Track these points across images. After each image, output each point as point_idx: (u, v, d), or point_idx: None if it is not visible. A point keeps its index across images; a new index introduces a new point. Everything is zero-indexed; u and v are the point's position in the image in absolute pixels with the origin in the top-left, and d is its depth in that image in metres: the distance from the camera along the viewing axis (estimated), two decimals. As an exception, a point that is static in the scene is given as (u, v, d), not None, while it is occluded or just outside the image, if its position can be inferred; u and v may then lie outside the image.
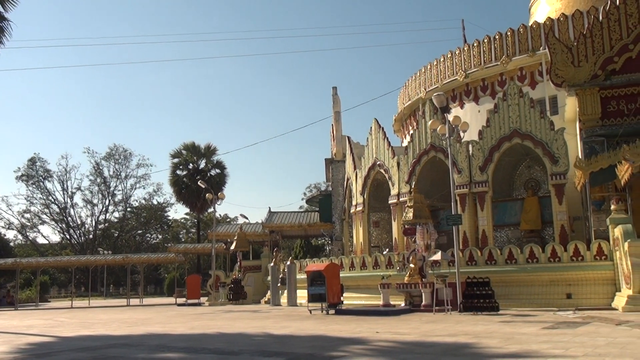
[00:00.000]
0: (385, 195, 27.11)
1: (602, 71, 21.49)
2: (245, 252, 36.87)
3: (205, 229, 61.41)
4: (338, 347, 10.52)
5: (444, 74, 31.28)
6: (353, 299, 22.94)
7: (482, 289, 17.41)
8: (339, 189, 35.36)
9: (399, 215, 25.22)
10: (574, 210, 22.32)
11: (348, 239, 33.11)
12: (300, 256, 52.10)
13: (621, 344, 9.35)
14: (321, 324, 15.36)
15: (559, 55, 22.02)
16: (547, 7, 31.74)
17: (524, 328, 12.43)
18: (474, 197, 23.24)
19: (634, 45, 21.30)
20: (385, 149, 27.10)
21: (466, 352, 9.35)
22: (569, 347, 9.17)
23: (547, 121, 22.24)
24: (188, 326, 16.51)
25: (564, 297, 18.55)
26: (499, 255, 20.07)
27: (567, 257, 18.88)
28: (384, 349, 10.11)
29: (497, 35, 28.68)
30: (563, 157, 21.54)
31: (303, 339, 12.13)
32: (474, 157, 23.29)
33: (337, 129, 35.88)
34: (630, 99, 21.10)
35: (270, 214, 41.19)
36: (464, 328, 12.92)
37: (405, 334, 12.03)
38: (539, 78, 27.58)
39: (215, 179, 52.73)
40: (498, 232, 23.73)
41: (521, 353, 8.84)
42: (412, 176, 25.24)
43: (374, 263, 23.29)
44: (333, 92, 36.63)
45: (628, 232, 16.97)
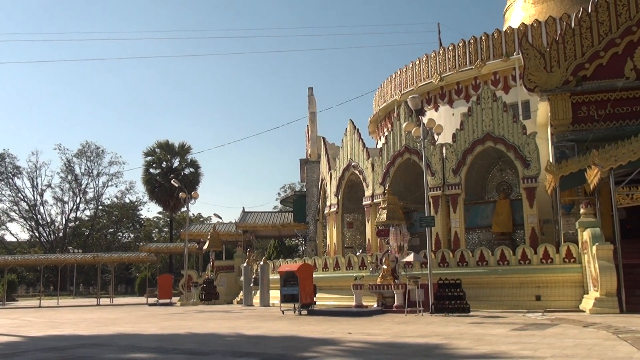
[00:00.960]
0: (359, 196, 27.20)
1: (573, 77, 21.86)
2: (218, 252, 36.65)
3: (178, 228, 60.92)
4: (310, 347, 10.51)
5: (420, 76, 31.50)
6: (326, 299, 22.96)
7: (454, 290, 17.55)
8: (313, 190, 35.37)
9: (372, 216, 25.32)
10: (544, 213, 22.64)
11: (322, 240, 33.13)
12: (274, 256, 51.96)
13: (588, 346, 9.51)
14: (293, 325, 15.34)
15: (532, 60, 22.34)
16: (521, 13, 32.17)
17: (494, 329, 12.57)
18: (447, 199, 23.45)
19: (605, 52, 21.72)
20: (360, 150, 27.20)
21: (437, 353, 9.42)
22: (538, 349, 9.30)
23: (519, 125, 22.54)
24: (159, 326, 16.35)
25: (534, 299, 18.81)
26: (471, 257, 20.27)
27: (537, 260, 19.15)
28: (356, 349, 10.13)
29: (472, 40, 28.98)
30: (534, 161, 21.86)
31: (275, 339, 12.10)
32: (448, 159, 23.49)
33: (312, 130, 35.89)
34: (600, 105, 21.49)
35: (244, 214, 41.03)
36: (436, 329, 13.02)
37: (377, 335, 12.07)
38: (512, 83, 27.93)
39: (189, 178, 52.35)
40: (470, 234, 23.97)
41: (491, 354, 8.94)
42: (386, 178, 25.37)
43: (347, 264, 23.35)
44: (309, 92, 36.64)
45: (596, 236, 17.28)
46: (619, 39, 21.65)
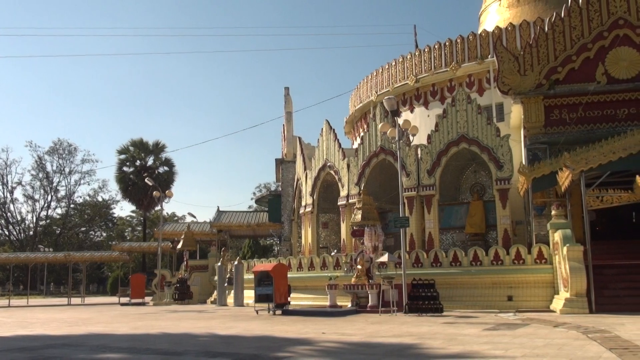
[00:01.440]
0: (334, 196, 27.25)
1: (546, 80, 22.19)
2: (192, 252, 36.41)
3: (151, 227, 60.34)
4: (284, 347, 10.50)
5: (395, 78, 31.66)
6: (300, 299, 22.96)
7: (427, 290, 17.69)
8: (288, 190, 35.33)
9: (347, 216, 25.39)
10: (516, 214, 22.95)
11: (297, 240, 33.11)
12: (248, 256, 51.78)
13: (558, 345, 9.66)
14: (268, 325, 15.31)
15: (506, 63, 22.61)
16: (496, 16, 32.54)
17: (467, 329, 12.69)
18: (422, 200, 23.62)
19: (577, 56, 22.07)
20: (336, 150, 27.25)
21: (410, 352, 9.48)
22: (509, 348, 9.41)
23: (493, 127, 22.81)
24: (131, 326, 16.17)
25: (506, 299, 19.04)
26: (444, 257, 20.44)
27: (509, 261, 19.39)
28: (330, 349, 10.15)
29: (448, 42, 29.22)
30: (508, 163, 22.14)
31: (249, 339, 12.06)
32: (423, 160, 23.67)
33: (288, 130, 35.84)
34: (572, 108, 21.84)
35: (219, 213, 40.81)
36: (409, 329, 13.10)
37: (351, 335, 12.10)
38: (486, 85, 28.22)
39: (164, 177, 51.92)
40: (444, 235, 24.17)
41: (463, 354, 9.02)
42: (361, 178, 25.46)
43: (322, 264, 23.37)
44: (285, 92, 36.58)
45: (567, 237, 17.56)
46: (591, 43, 22.03)
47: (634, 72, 21.61)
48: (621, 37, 21.78)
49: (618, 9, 21.95)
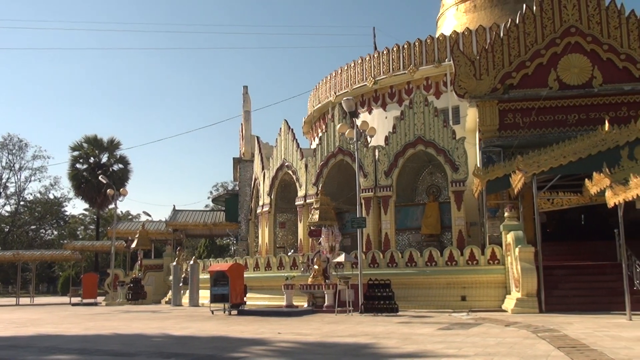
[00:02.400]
0: (292, 196, 27.22)
1: (501, 85, 22.67)
2: (146, 251, 35.82)
3: (105, 226, 59.17)
4: (239, 348, 10.43)
5: (354, 79, 31.83)
6: (257, 299, 22.85)
7: (383, 290, 17.84)
8: (246, 189, 35.14)
9: (305, 216, 25.41)
10: (471, 216, 23.36)
11: (254, 239, 32.95)
12: (204, 256, 51.32)
13: (509, 344, 9.87)
14: (223, 325, 15.18)
15: (463, 67, 23.01)
16: (454, 21, 33.05)
17: (421, 329, 12.85)
18: (379, 201, 23.81)
19: (531, 62, 22.63)
20: (294, 150, 27.23)
21: (365, 352, 9.54)
22: (462, 347, 9.57)
23: (449, 130, 23.18)
24: (82, 327, 15.81)
25: (459, 299, 19.36)
26: (400, 258, 20.65)
27: (463, 261, 19.72)
28: (285, 349, 10.13)
29: (406, 45, 29.53)
30: (463, 165, 22.52)
31: (204, 340, 11.93)
32: (380, 162, 23.86)
33: (246, 129, 35.65)
34: (526, 112, 22.37)
35: (175, 212, 40.31)
36: (364, 329, 13.18)
37: (307, 335, 12.11)
38: (443, 88, 28.63)
39: (118, 174, 50.97)
40: (400, 236, 24.42)
41: (417, 353, 9.13)
42: (319, 178, 25.51)
43: (279, 264, 23.32)
44: (244, 91, 36.37)
45: (519, 238, 17.97)
46: (544, 50, 22.62)
47: (585, 78, 22.28)
48: (573, 45, 22.43)
49: (570, 17, 22.59)
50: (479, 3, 32.32)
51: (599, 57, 22.30)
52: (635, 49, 22.16)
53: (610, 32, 22.37)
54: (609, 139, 18.10)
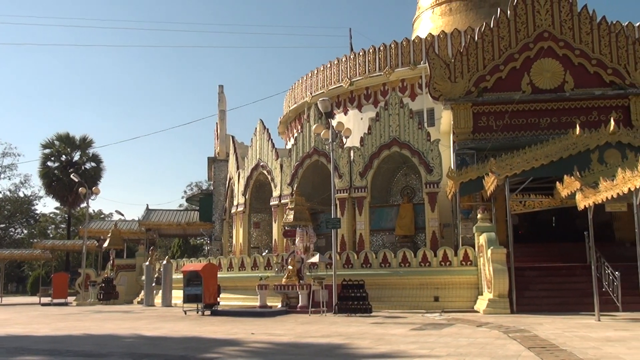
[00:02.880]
0: (267, 196, 27.16)
1: (475, 88, 22.93)
2: (119, 250, 35.45)
3: (76, 225, 58.30)
4: (212, 348, 10.37)
5: (330, 80, 31.88)
6: (230, 300, 22.74)
7: (357, 291, 17.89)
8: (220, 189, 34.97)
9: (279, 217, 25.37)
10: (444, 217, 23.56)
11: (228, 239, 32.80)
12: (178, 256, 50.92)
13: (481, 344, 9.98)
14: (196, 325, 15.08)
15: (438, 70, 23.21)
16: (429, 24, 33.32)
17: (394, 329, 12.92)
18: (354, 201, 23.88)
19: (504, 66, 22.93)
20: (269, 150, 27.18)
21: (339, 352, 9.56)
22: (434, 347, 9.65)
23: (424, 132, 23.35)
24: (52, 327, 15.57)
25: (432, 299, 19.51)
26: (374, 259, 20.73)
27: (437, 262, 19.87)
28: (259, 350, 10.10)
29: (382, 47, 29.68)
30: (437, 167, 22.70)
31: (176, 340, 11.85)
32: (355, 163, 23.94)
33: (221, 128, 35.47)
34: (499, 116, 22.64)
35: (148, 212, 39.95)
36: (338, 329, 13.21)
37: (280, 335, 12.09)
38: (418, 90, 28.83)
39: (90, 173, 50.30)
40: (374, 237, 24.51)
41: (390, 353, 9.18)
42: (294, 179, 25.50)
43: (253, 264, 23.24)
44: (219, 90, 36.16)
45: (491, 240, 18.18)
46: (517, 54, 22.93)
47: (557, 83, 22.65)
48: (545, 49, 22.79)
49: (543, 22, 22.95)
50: (455, 6, 32.64)
51: (571, 62, 22.69)
52: (605, 55, 22.59)
53: (582, 37, 22.78)
54: (579, 142, 18.42)
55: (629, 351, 9.03)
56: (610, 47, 22.68)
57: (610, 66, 22.50)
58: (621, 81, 22.37)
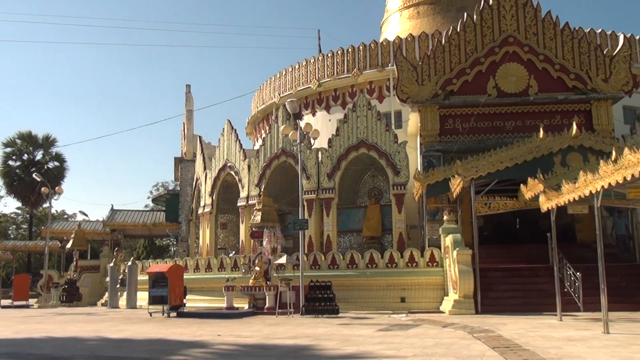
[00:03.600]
0: (234, 197, 27.02)
1: (442, 91, 23.19)
2: (82, 251, 34.87)
3: (38, 226, 57.16)
4: (178, 350, 10.27)
5: (298, 81, 31.86)
6: (197, 301, 22.54)
7: (324, 292, 17.92)
8: (187, 189, 34.67)
9: (247, 217, 25.26)
10: (411, 219, 23.76)
11: (194, 240, 32.52)
12: (143, 257, 50.24)
13: (446, 345, 10.09)
14: (161, 327, 14.91)
15: (405, 72, 23.42)
16: (397, 27, 33.57)
17: (361, 330, 12.97)
18: (321, 203, 23.91)
19: (471, 69, 23.25)
20: (237, 151, 27.04)
21: (305, 354, 9.56)
22: (401, 348, 9.72)
23: (391, 134, 23.53)
24: (13, 330, 15.21)
25: (399, 300, 19.65)
26: (342, 260, 20.79)
27: (403, 263, 20.02)
28: (225, 352, 10.04)
29: (350, 49, 29.79)
30: (404, 168, 22.89)
31: (141, 342, 11.69)
32: (323, 164, 23.98)
33: (188, 128, 35.19)
34: (465, 118, 22.95)
35: (113, 212, 39.41)
36: (305, 330, 13.21)
37: (247, 337, 12.03)
38: (386, 93, 29.00)
39: (53, 172, 49.36)
40: (342, 238, 24.59)
41: (357, 354, 9.21)
42: (262, 179, 25.42)
43: (220, 265, 23.08)
44: (186, 89, 35.88)
45: (457, 241, 18.40)
46: (483, 58, 23.28)
47: (521, 87, 23.06)
48: (510, 54, 23.19)
49: (508, 27, 23.35)
50: (422, 10, 32.95)
51: (535, 66, 23.13)
52: (568, 60, 23.09)
53: (546, 43, 23.24)
54: (543, 146, 18.80)
55: (589, 350, 9.24)
56: (573, 53, 23.19)
57: (572, 71, 23.00)
58: (583, 86, 22.89)
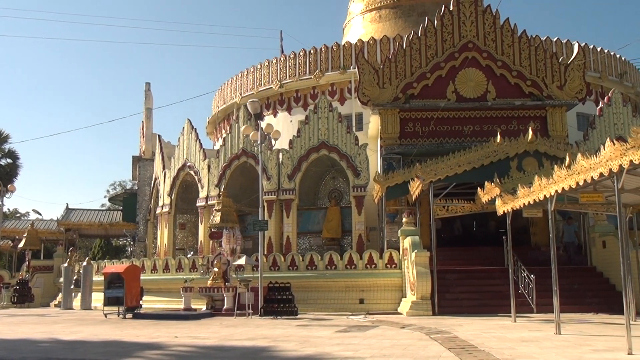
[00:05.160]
0: (193, 197, 26.75)
1: (402, 94, 23.44)
2: (35, 251, 33.97)
3: (-11, 224, 55.40)
4: (133, 352, 10.10)
5: (260, 81, 31.76)
6: (154, 302, 22.23)
7: (283, 293, 17.88)
8: (145, 189, 34.17)
9: (206, 218, 25.04)
10: (371, 221, 23.91)
11: (152, 241, 32.05)
12: (99, 257, 49.20)
13: (403, 346, 10.19)
14: (117, 329, 14.65)
15: (367, 75, 23.58)
16: (360, 30, 33.78)
17: (319, 331, 12.99)
18: (281, 204, 23.87)
19: (431, 74, 23.56)
20: (197, 150, 26.79)
21: (263, 355, 9.53)
22: (359, 349, 9.77)
23: (352, 136, 23.66)
24: (-40, 332, 14.72)
25: (358, 302, 19.75)
26: (301, 261, 20.79)
27: (362, 265, 20.14)
28: (182, 354, 9.93)
29: (313, 50, 29.84)
30: (364, 171, 23.04)
31: (95, 344, 11.46)
32: (284, 165, 23.95)
33: (147, 126, 34.71)
34: (425, 122, 23.23)
35: (68, 211, 38.54)
36: (263, 332, 13.16)
37: (204, 339, 11.92)
38: (348, 95, 29.13)
39: (5, 170, 47.86)
40: (302, 239, 24.60)
41: (315, 355, 9.22)
42: (222, 180, 25.23)
43: (178, 266, 22.81)
44: (146, 87, 35.41)
45: (415, 243, 18.61)
46: (444, 62, 23.62)
47: (480, 92, 23.49)
48: (470, 59, 23.59)
49: (468, 33, 23.75)
50: (384, 14, 33.24)
51: (493, 72, 23.59)
52: (525, 67, 23.62)
53: (504, 49, 23.72)
54: (500, 150, 19.17)
55: (541, 351, 9.46)
56: (530, 60, 23.72)
57: (529, 78, 23.53)
58: (539, 93, 23.44)
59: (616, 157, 9.00)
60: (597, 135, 23.62)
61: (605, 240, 19.41)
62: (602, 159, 9.44)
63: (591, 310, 17.05)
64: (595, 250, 20.11)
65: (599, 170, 9.55)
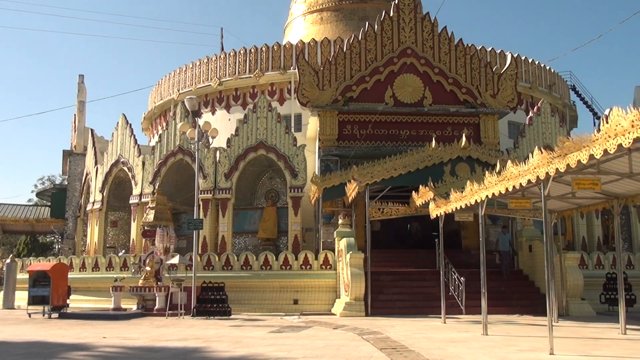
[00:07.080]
0: (126, 194, 26.09)
1: (342, 97, 23.65)
2: (-46, 247, 32.32)
3: None
4: (57, 353, 9.76)
5: (199, 78, 31.36)
6: (82, 302, 21.55)
7: (217, 293, 17.69)
8: (76, 184, 33.08)
9: (139, 216, 24.46)
10: (307, 222, 23.97)
11: (82, 238, 31.08)
12: (24, 254, 47.28)
13: (336, 346, 10.27)
14: (41, 329, 14.11)
15: (307, 77, 23.66)
16: (301, 31, 33.86)
17: (253, 332, 12.93)
18: (217, 203, 23.61)
19: (370, 78, 23.87)
20: (131, 146, 26.15)
21: (195, 356, 9.40)
22: (292, 350, 9.78)
23: (291, 137, 23.67)
24: None
25: (292, 302, 19.76)
26: (236, 261, 20.63)
27: (297, 266, 20.17)
28: (110, 355, 9.67)
29: (253, 49, 29.70)
30: (302, 172, 23.09)
31: (17, 345, 11.00)
32: (221, 164, 23.70)
33: (79, 120, 33.63)
34: (363, 125, 23.51)
35: (-9, 206, 36.84)
36: (195, 332, 12.98)
37: (134, 339, 11.65)
38: (287, 95, 29.16)
39: None
40: (237, 239, 24.41)
41: (247, 356, 9.17)
42: (156, 177, 24.73)
43: (108, 264, 22.20)
44: (79, 80, 34.28)
45: (351, 245, 18.80)
46: (382, 67, 23.98)
47: (417, 97, 23.96)
48: (408, 65, 24.03)
49: (407, 39, 24.20)
50: (326, 16, 33.45)
51: (430, 79, 24.12)
52: (461, 75, 24.27)
53: (441, 57, 24.30)
54: (434, 155, 19.62)
55: (469, 351, 9.74)
56: (465, 68, 24.39)
57: (464, 85, 24.19)
58: (473, 100, 24.14)
59: (543, 165, 9.38)
60: (526, 144, 24.49)
61: (531, 245, 20.15)
62: (530, 167, 9.81)
63: (517, 312, 17.66)
64: (522, 254, 20.83)
65: (527, 177, 9.92)
